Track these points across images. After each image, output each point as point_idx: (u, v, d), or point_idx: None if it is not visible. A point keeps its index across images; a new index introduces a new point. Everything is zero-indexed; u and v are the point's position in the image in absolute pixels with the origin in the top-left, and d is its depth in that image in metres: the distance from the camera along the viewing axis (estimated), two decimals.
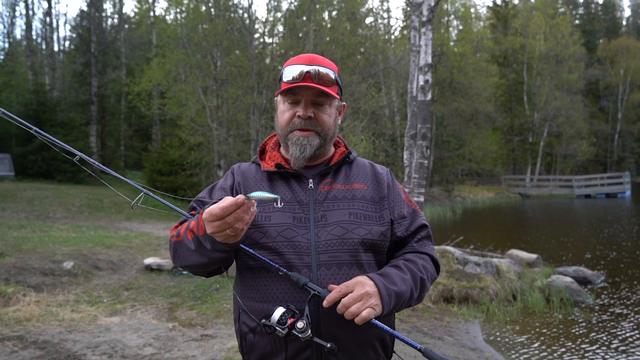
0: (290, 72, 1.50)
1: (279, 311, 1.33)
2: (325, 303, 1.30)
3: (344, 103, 1.64)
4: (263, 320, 1.35)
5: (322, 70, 1.50)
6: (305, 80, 1.47)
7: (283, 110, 1.55)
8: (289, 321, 1.31)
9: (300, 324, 1.30)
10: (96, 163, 1.74)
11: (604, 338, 5.70)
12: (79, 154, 1.68)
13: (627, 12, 57.45)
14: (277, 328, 1.31)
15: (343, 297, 1.29)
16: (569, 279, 7.54)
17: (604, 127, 39.43)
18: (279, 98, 1.58)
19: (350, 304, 1.28)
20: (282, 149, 1.63)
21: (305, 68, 1.48)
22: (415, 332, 5.36)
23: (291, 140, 1.52)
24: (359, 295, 1.29)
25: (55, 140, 1.72)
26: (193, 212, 1.56)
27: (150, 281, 6.79)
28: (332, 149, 1.64)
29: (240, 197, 1.20)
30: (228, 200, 1.21)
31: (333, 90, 1.52)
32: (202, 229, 1.30)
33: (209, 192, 1.61)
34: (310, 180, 1.53)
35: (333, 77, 1.51)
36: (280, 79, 1.55)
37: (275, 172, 1.55)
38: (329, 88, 1.50)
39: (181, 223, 1.49)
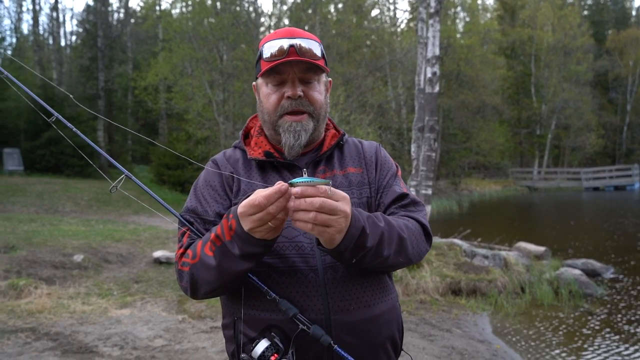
0: (271, 48, 1.32)
1: (262, 345, 1.20)
2: (297, 191, 1.06)
3: (330, 79, 1.49)
4: (243, 355, 1.23)
5: (307, 43, 1.33)
6: (290, 55, 1.30)
7: (267, 94, 1.37)
8: (272, 358, 1.19)
9: None
10: (74, 128, 1.56)
11: (613, 330, 5.69)
12: (57, 114, 1.54)
13: (637, 3, 56.81)
14: None
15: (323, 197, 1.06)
16: (577, 272, 7.52)
17: (613, 119, 39.00)
18: (259, 81, 1.41)
19: (323, 209, 1.05)
20: (269, 135, 1.46)
21: (288, 42, 1.31)
22: (423, 325, 5.38)
23: (282, 127, 1.35)
24: (338, 209, 1.07)
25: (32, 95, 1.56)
26: (186, 228, 1.35)
27: (160, 274, 6.84)
28: (323, 132, 1.47)
29: (284, 184, 1.07)
30: (270, 188, 1.07)
31: (321, 63, 1.35)
32: (229, 233, 1.16)
33: (196, 197, 1.40)
34: (304, 170, 1.34)
35: (320, 50, 1.36)
36: (259, 58, 1.37)
37: (265, 161, 1.39)
38: (317, 61, 1.34)
39: (185, 248, 1.31)
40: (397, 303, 1.44)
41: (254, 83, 1.48)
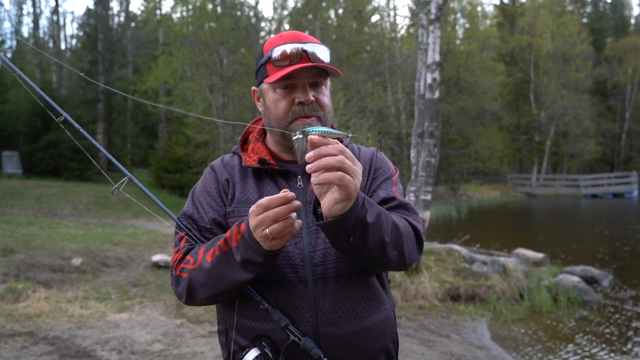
0: (282, 52, 1.28)
1: (252, 353, 1.21)
2: (315, 137, 1.01)
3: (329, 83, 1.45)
4: None
5: (318, 47, 1.30)
6: (303, 60, 1.27)
7: (276, 99, 1.32)
8: None
9: None
10: (81, 129, 1.60)
11: (612, 337, 5.68)
12: (65, 114, 1.55)
13: (636, 11, 57.00)
14: None
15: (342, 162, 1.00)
16: (576, 278, 7.52)
17: (612, 127, 39.07)
18: (264, 87, 1.36)
19: (346, 154, 1.01)
20: (269, 140, 1.44)
21: (300, 46, 1.28)
22: (422, 330, 5.37)
23: (294, 131, 1.28)
24: (356, 160, 1.05)
25: (42, 94, 1.61)
26: (184, 233, 1.35)
27: (158, 278, 6.83)
28: None
29: (290, 193, 1.06)
30: (278, 195, 1.07)
31: (333, 68, 1.32)
32: (236, 237, 1.16)
33: (193, 203, 1.40)
34: (299, 177, 1.35)
35: (329, 54, 1.33)
36: (266, 62, 1.32)
37: (260, 169, 1.36)
38: (328, 65, 1.31)
39: (183, 254, 1.31)
40: (392, 314, 1.41)
41: (253, 88, 1.44)
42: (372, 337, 1.30)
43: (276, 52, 1.29)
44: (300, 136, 1.07)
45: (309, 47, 1.29)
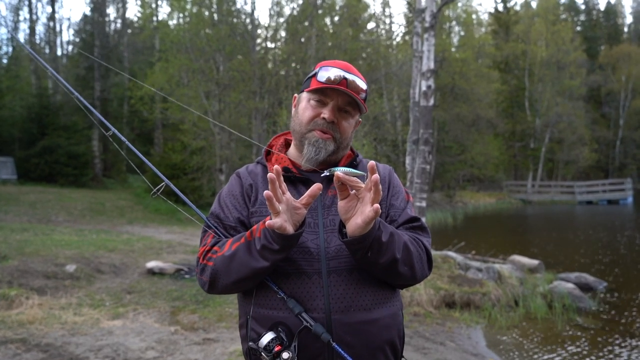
0: (328, 73, 1.46)
1: (268, 336, 1.31)
2: (340, 175, 1.27)
3: (360, 119, 1.61)
4: (250, 343, 1.35)
5: (358, 80, 1.48)
6: (341, 85, 1.45)
7: (306, 108, 1.50)
8: (276, 348, 1.29)
9: (285, 355, 1.29)
10: (127, 142, 1.82)
11: (607, 344, 5.69)
12: (113, 129, 1.74)
13: (629, 19, 57.38)
14: (262, 353, 1.30)
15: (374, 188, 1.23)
16: (571, 285, 7.54)
17: (606, 134, 39.36)
18: (303, 95, 1.54)
19: (378, 189, 1.23)
20: (290, 151, 1.60)
21: (344, 74, 1.46)
22: (417, 338, 5.36)
23: (309, 139, 1.48)
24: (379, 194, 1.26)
25: (95, 112, 1.78)
26: (212, 230, 1.50)
27: (153, 285, 6.80)
28: (340, 157, 1.60)
29: (319, 185, 1.29)
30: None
31: (362, 103, 1.50)
32: (260, 228, 1.32)
33: (219, 204, 1.56)
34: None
35: (365, 91, 1.50)
36: (312, 76, 1.51)
37: (283, 176, 1.46)
38: (360, 99, 1.48)
39: (210, 245, 1.44)
40: (400, 312, 1.52)
41: (295, 95, 1.63)
42: (379, 328, 1.41)
43: (322, 71, 1.48)
44: (328, 174, 1.30)
45: (350, 76, 1.46)
